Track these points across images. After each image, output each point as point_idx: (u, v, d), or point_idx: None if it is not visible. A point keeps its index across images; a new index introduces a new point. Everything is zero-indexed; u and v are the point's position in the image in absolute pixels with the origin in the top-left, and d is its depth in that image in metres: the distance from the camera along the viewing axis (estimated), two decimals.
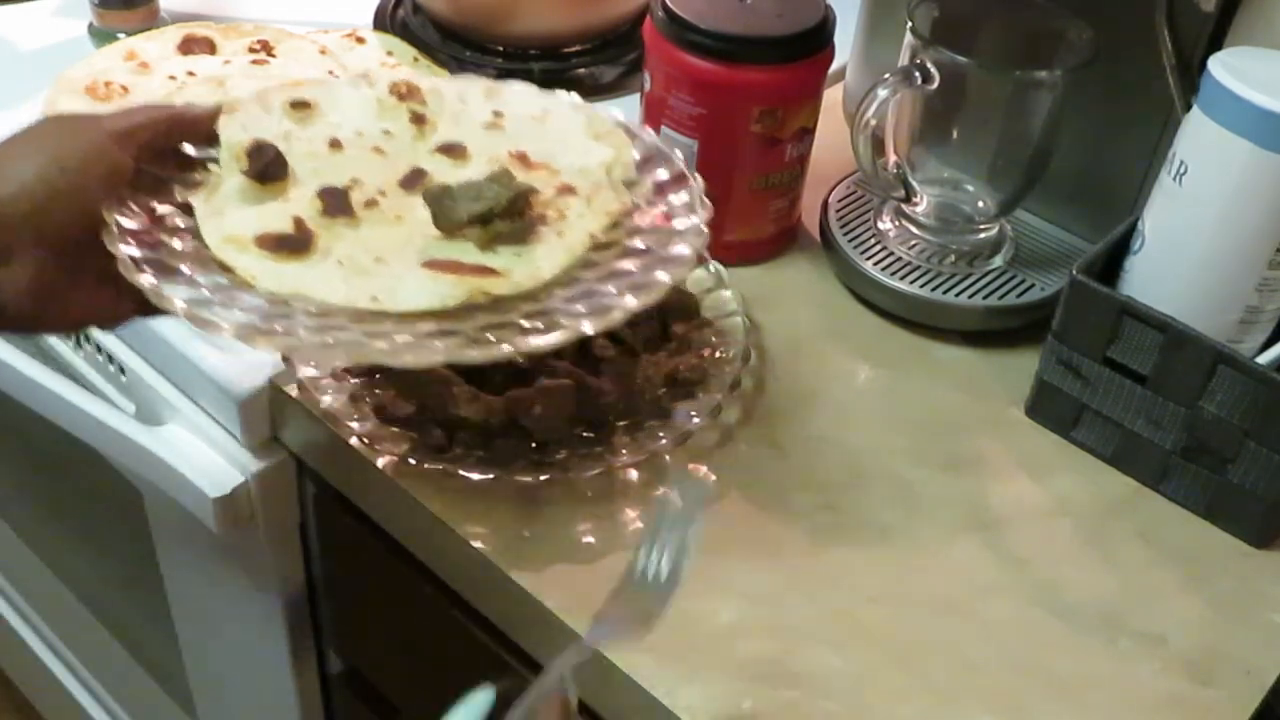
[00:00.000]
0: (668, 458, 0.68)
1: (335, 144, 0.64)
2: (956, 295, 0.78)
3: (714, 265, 0.77)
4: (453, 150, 0.64)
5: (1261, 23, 0.69)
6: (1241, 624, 0.63)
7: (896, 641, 0.60)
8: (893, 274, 0.79)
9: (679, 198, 0.64)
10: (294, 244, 0.57)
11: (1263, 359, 0.66)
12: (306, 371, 0.65)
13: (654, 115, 0.79)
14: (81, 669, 1.33)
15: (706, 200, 0.63)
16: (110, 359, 0.81)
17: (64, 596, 1.23)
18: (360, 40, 0.95)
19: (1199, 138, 0.64)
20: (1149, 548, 0.67)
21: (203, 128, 0.61)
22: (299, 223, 0.59)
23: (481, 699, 0.50)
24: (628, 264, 0.60)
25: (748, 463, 0.69)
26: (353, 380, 0.66)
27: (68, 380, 0.82)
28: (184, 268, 0.56)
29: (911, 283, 0.78)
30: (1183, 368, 0.65)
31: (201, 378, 0.72)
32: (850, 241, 0.81)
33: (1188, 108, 0.66)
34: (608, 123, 0.68)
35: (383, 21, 1.02)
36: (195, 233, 0.58)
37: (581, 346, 0.68)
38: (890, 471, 0.69)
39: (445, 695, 0.77)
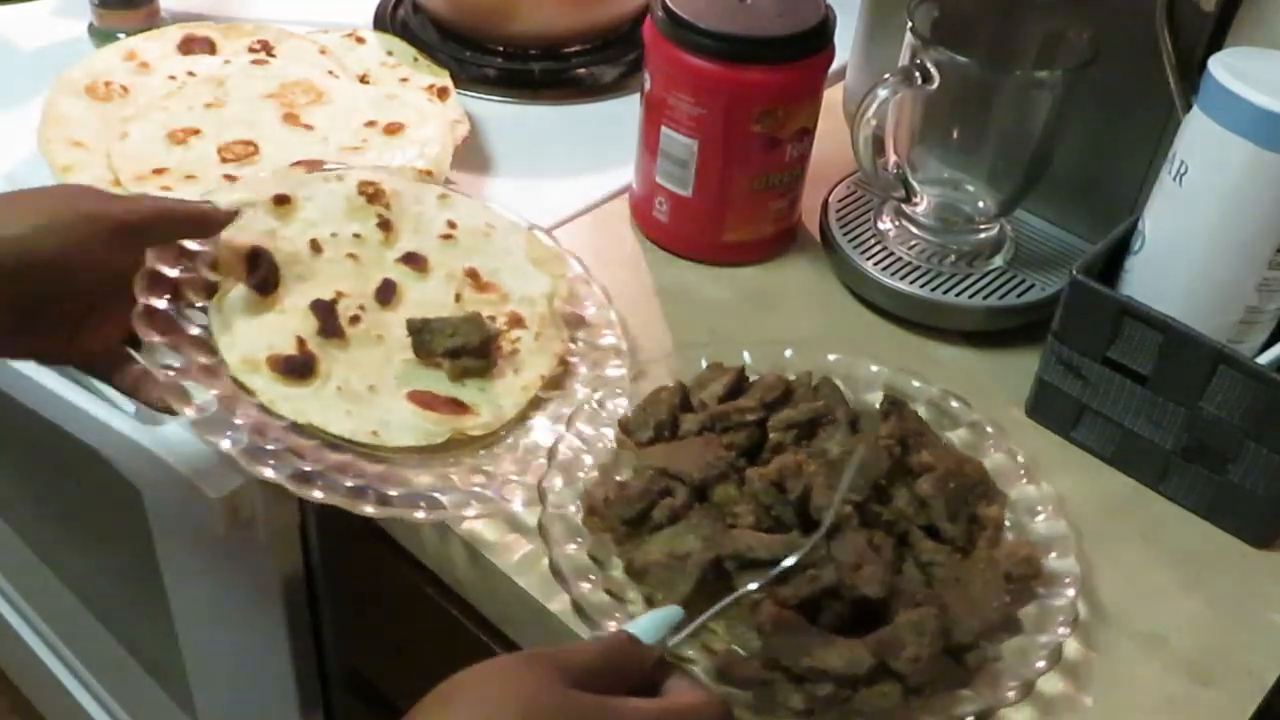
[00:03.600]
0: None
1: (316, 247, 0.69)
2: (956, 295, 0.78)
3: (986, 423, 0.67)
4: (415, 261, 0.72)
5: (1261, 23, 0.69)
6: (1241, 624, 0.63)
7: None
8: (893, 274, 0.79)
9: (605, 339, 0.72)
10: (300, 368, 0.64)
11: (1263, 359, 0.66)
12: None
13: (654, 115, 0.79)
14: (81, 669, 1.32)
15: (625, 347, 0.71)
16: None
17: (64, 596, 1.23)
18: (360, 40, 0.96)
19: (1199, 138, 0.64)
20: (1149, 548, 0.67)
21: (214, 231, 0.66)
22: (301, 343, 0.65)
23: (673, 611, 0.52)
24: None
25: None
26: (672, 640, 0.52)
27: (68, 380, 0.82)
28: (198, 383, 0.61)
29: (911, 283, 0.78)
30: (1183, 368, 0.65)
31: None
32: (850, 241, 0.81)
33: (1188, 108, 0.66)
34: (545, 246, 0.75)
35: (383, 21, 1.02)
36: (207, 340, 0.64)
37: (899, 545, 0.59)
38: None
39: None
